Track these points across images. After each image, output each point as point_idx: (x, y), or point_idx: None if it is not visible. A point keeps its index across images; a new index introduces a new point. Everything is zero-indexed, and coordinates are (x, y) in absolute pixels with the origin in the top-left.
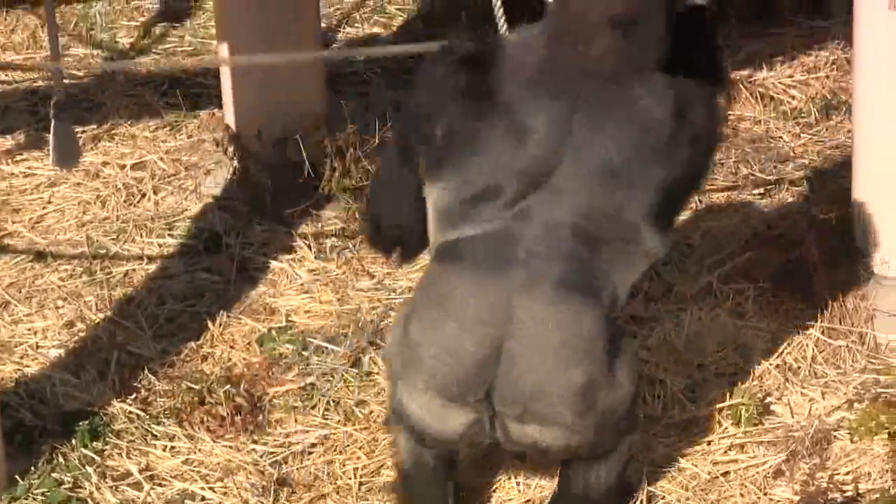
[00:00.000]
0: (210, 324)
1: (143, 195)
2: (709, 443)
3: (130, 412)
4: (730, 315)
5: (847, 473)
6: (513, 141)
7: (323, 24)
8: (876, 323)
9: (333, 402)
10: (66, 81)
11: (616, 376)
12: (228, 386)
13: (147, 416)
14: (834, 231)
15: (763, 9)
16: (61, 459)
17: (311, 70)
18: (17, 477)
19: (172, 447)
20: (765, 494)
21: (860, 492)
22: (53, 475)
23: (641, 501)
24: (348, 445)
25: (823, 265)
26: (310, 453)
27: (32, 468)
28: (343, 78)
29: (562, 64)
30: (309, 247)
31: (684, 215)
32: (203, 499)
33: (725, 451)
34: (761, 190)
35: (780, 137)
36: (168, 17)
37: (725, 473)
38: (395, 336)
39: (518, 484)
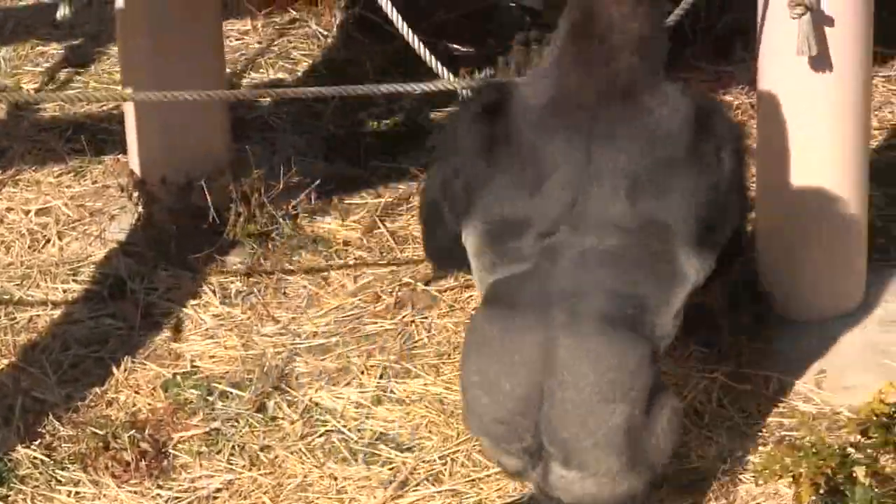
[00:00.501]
0: (115, 369)
1: (48, 241)
2: None
3: (35, 458)
4: None
5: None
6: (532, 179)
7: (228, 70)
8: (780, 366)
9: (238, 447)
10: None
11: (654, 421)
12: (133, 431)
13: (52, 462)
14: (738, 276)
15: (668, 53)
16: None
17: (215, 115)
18: None
19: (77, 493)
20: None
21: None
22: None
23: None
24: (253, 490)
25: (728, 309)
26: (215, 498)
27: None
28: (247, 123)
29: (574, 93)
30: (214, 292)
31: None
32: None
33: None
34: None
35: None
36: (72, 62)
37: None
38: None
39: None
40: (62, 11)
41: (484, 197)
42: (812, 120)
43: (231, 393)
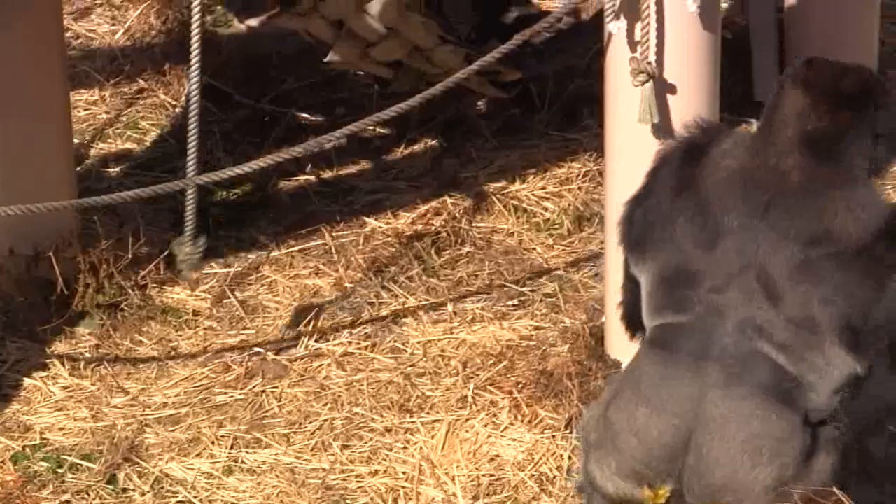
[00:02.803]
0: None
1: None
2: None
3: None
4: (484, 426)
5: None
6: (706, 236)
7: (76, 140)
8: None
9: None
10: None
11: (812, 479)
12: None
13: None
14: (588, 341)
15: (517, 122)
16: None
17: (61, 187)
18: None
19: None
20: None
21: None
22: None
23: None
24: None
25: (578, 375)
26: None
27: None
28: (95, 194)
29: (756, 174)
30: (63, 363)
31: (441, 327)
32: None
33: None
34: (515, 301)
35: (534, 249)
36: None
37: None
38: (593, 411)
39: None
40: None
41: (662, 233)
42: None
43: (81, 465)
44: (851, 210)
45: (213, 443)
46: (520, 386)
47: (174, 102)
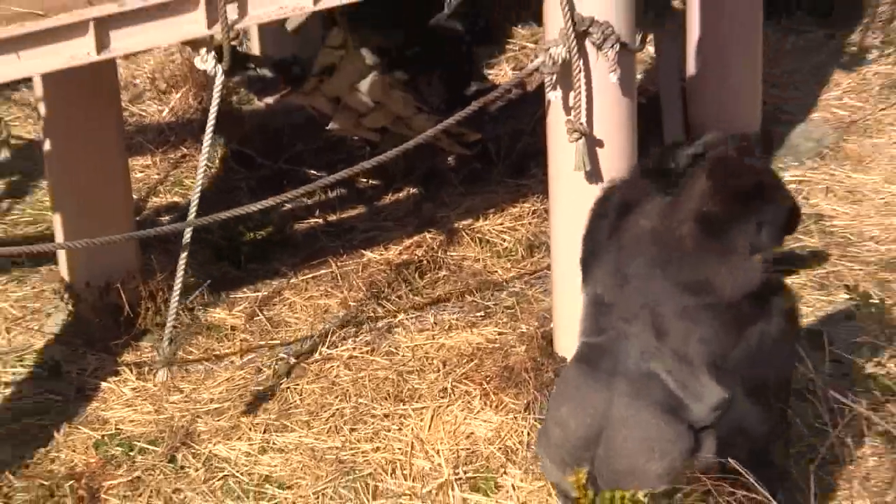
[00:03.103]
0: (56, 434)
1: None
2: None
3: None
4: (461, 411)
5: None
6: (620, 276)
7: (134, 196)
8: None
9: (155, 491)
10: None
11: (700, 464)
12: (72, 482)
13: None
14: (540, 342)
15: (479, 173)
16: None
17: (124, 232)
18: None
19: None
20: None
21: None
22: None
23: None
24: None
25: (533, 369)
26: None
27: None
28: (152, 238)
29: (662, 235)
30: (130, 370)
31: (425, 334)
32: None
33: None
34: (482, 312)
35: (496, 271)
36: (11, 193)
37: None
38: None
39: None
40: (2, 154)
41: (594, 271)
42: None
43: (148, 449)
44: (731, 275)
45: (250, 429)
46: (488, 379)
47: (210, 164)
